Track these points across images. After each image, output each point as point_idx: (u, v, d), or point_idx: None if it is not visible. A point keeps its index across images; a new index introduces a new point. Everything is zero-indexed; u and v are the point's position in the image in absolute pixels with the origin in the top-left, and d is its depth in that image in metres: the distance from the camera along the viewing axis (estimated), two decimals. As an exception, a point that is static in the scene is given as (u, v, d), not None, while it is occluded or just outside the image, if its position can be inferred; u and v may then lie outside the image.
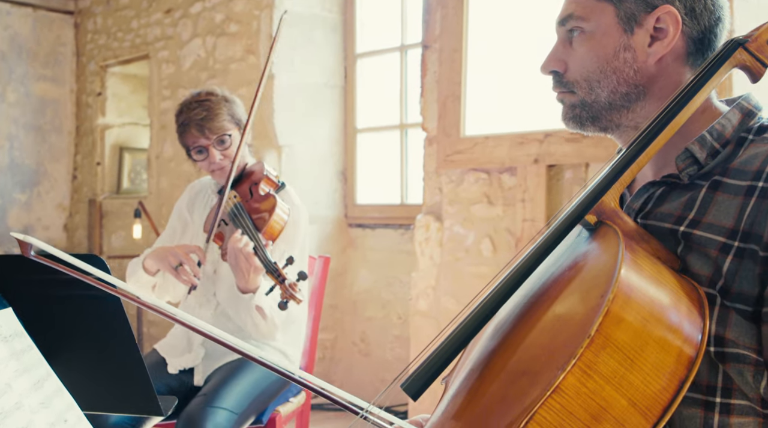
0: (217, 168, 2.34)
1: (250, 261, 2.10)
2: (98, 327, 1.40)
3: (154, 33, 5.53)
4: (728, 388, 0.97)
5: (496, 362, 0.99)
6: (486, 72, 3.49)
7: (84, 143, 6.23)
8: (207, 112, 2.30)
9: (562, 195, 3.18)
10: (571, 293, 0.96)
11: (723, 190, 1.03)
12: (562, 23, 1.19)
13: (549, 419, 0.81)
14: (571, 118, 1.20)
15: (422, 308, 3.70)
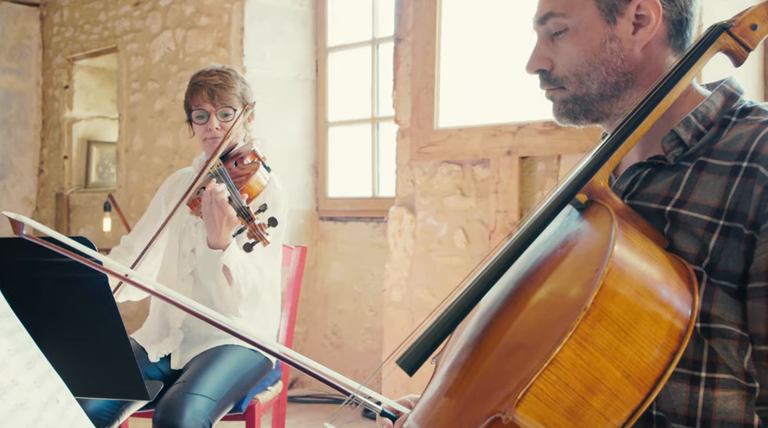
0: (210, 136, 2.34)
1: (224, 209, 2.10)
2: (85, 310, 1.40)
3: (122, 26, 5.48)
4: (713, 363, 1.00)
5: (490, 338, 1.01)
6: (459, 65, 3.52)
7: (50, 136, 6.16)
8: (223, 81, 2.34)
9: (534, 187, 3.22)
10: (565, 270, 0.98)
11: (708, 170, 1.06)
12: (541, 22, 1.20)
13: (546, 390, 0.84)
14: (564, 113, 1.21)
15: (395, 299, 3.73)
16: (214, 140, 2.36)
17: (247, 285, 2.19)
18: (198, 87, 2.36)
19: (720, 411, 1.00)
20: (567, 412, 0.84)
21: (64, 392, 1.23)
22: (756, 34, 1.08)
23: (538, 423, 0.84)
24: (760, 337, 0.99)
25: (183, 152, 5.03)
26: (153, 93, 5.25)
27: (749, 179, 1.01)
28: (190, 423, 1.92)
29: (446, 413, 0.98)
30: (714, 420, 1.00)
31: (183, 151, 5.03)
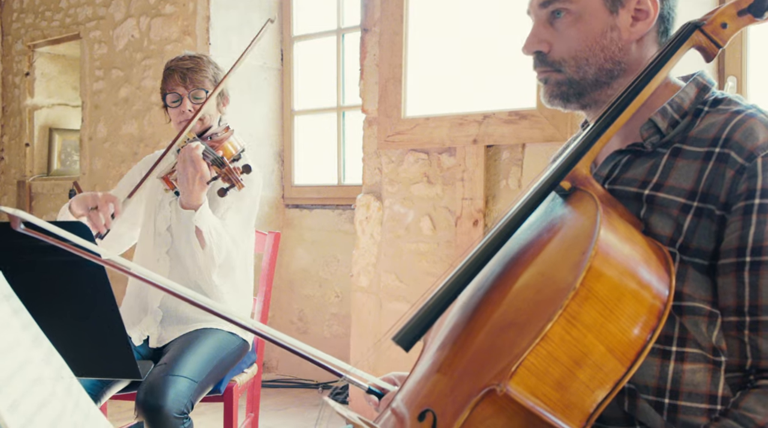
0: (184, 119, 2.40)
1: (197, 166, 2.16)
2: (80, 292, 1.45)
3: (85, 13, 5.45)
4: (683, 338, 1.10)
5: (480, 317, 1.09)
6: (426, 55, 3.60)
7: (11, 123, 6.10)
8: (194, 65, 2.42)
9: (499, 175, 3.32)
10: (551, 253, 1.07)
11: (683, 156, 1.15)
12: (544, 5, 1.26)
13: (537, 364, 0.92)
14: (557, 95, 1.27)
15: (363, 284, 3.80)
16: (188, 122, 2.40)
17: (220, 250, 2.24)
18: (171, 71, 2.44)
19: (688, 383, 1.09)
20: (556, 384, 0.93)
21: (66, 369, 1.28)
22: (726, 32, 1.18)
23: (529, 395, 0.92)
24: (729, 309, 1.08)
25: (148, 139, 5.04)
26: (117, 81, 5.24)
27: (721, 163, 1.11)
28: (173, 403, 1.98)
29: (439, 388, 1.06)
30: (682, 392, 1.09)
31: (148, 138, 5.04)
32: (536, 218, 1.17)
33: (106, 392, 2.17)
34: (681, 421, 1.10)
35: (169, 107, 2.46)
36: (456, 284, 1.11)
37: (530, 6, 1.31)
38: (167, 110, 2.49)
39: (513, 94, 3.29)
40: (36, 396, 0.98)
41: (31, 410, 0.94)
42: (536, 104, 3.15)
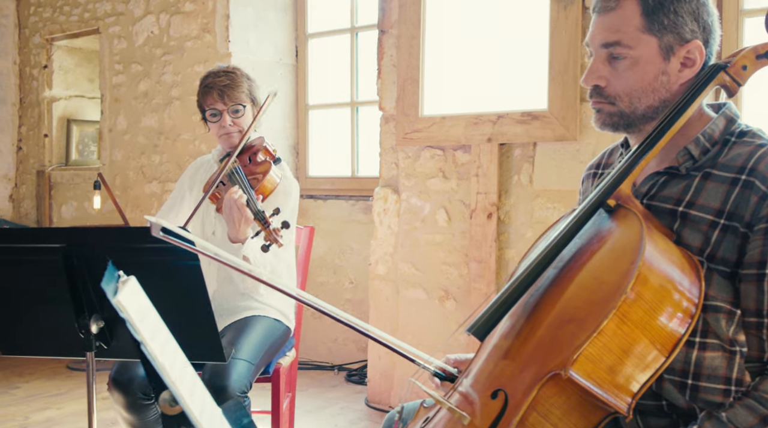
0: (224, 133, 2.61)
1: (242, 211, 2.37)
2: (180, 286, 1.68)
3: (104, 8, 5.63)
4: (705, 331, 1.34)
5: (540, 312, 1.32)
6: (442, 57, 3.82)
7: (29, 115, 6.28)
8: (230, 81, 2.59)
9: (511, 171, 3.56)
10: (602, 260, 1.30)
11: (712, 179, 1.38)
12: (605, 46, 1.45)
13: (593, 353, 1.17)
14: (608, 124, 1.48)
15: (381, 272, 4.04)
16: (229, 135, 2.63)
17: (265, 267, 2.47)
18: (209, 89, 2.62)
19: (708, 367, 1.34)
20: (608, 369, 1.18)
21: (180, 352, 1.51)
22: (746, 73, 1.41)
23: (587, 378, 1.17)
24: (750, 311, 1.33)
25: (168, 132, 5.24)
26: (137, 75, 5.43)
27: (746, 189, 1.34)
28: (236, 384, 2.21)
29: (509, 371, 1.30)
30: (702, 374, 1.34)
31: (168, 131, 5.24)
32: (583, 229, 1.40)
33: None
34: (701, 399, 1.34)
35: (209, 121, 2.65)
36: (522, 284, 1.34)
37: (591, 42, 1.49)
38: (206, 122, 2.69)
39: (525, 96, 3.52)
40: (179, 361, 1.20)
41: (180, 370, 1.16)
42: (547, 106, 3.38)
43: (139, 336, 1.06)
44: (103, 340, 1.75)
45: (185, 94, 5.13)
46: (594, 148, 3.31)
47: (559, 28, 3.33)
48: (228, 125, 2.60)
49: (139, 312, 1.11)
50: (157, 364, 1.06)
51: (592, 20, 1.50)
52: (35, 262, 1.69)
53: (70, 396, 4.27)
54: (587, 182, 1.74)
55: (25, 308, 1.77)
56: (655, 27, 1.41)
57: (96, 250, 1.67)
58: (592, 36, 1.49)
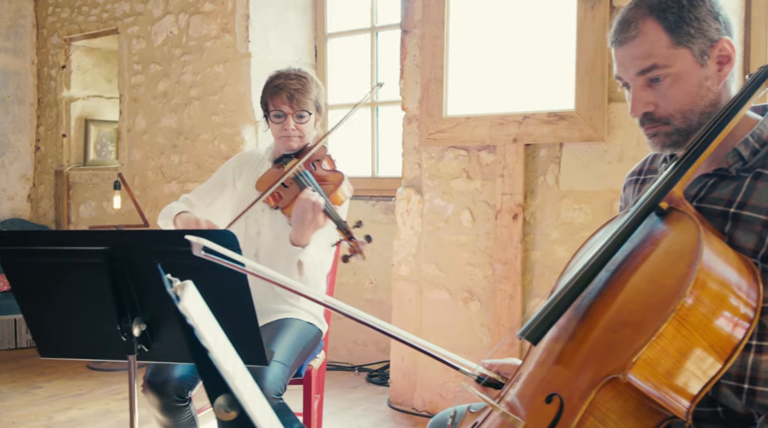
0: (285, 135, 2.57)
1: (316, 215, 2.32)
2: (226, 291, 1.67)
3: (123, 8, 5.64)
4: (762, 333, 1.32)
5: (593, 316, 1.31)
6: (467, 57, 3.80)
7: (47, 114, 6.29)
8: (301, 86, 2.55)
9: (537, 171, 3.54)
10: (656, 263, 1.29)
11: (763, 180, 1.37)
12: (642, 73, 1.46)
13: (652, 357, 1.15)
14: (669, 145, 1.48)
15: (404, 273, 4.03)
16: (289, 138, 2.59)
17: (313, 276, 2.46)
18: (278, 90, 2.56)
19: (765, 371, 1.32)
20: (666, 373, 1.16)
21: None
22: None
23: (645, 382, 1.15)
24: None
25: (187, 132, 5.24)
26: (155, 75, 5.43)
27: None
28: (271, 385, 2.20)
29: (563, 375, 1.28)
30: (759, 378, 1.32)
31: (187, 131, 5.24)
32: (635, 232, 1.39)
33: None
34: (758, 403, 1.32)
35: (271, 121, 2.61)
36: (575, 288, 1.33)
37: (623, 74, 1.50)
38: (267, 119, 2.65)
39: (552, 96, 3.50)
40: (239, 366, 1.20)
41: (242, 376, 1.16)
42: (574, 106, 3.36)
43: (205, 342, 1.05)
44: (145, 343, 1.75)
45: (204, 94, 5.13)
46: (621, 149, 3.29)
47: (586, 28, 3.31)
48: (291, 128, 2.56)
49: (202, 318, 1.10)
50: (222, 371, 1.05)
51: (614, 53, 1.51)
52: (79, 265, 1.68)
53: (92, 396, 4.27)
54: (629, 188, 1.73)
55: (67, 310, 1.76)
56: (684, 39, 1.43)
57: (140, 253, 1.66)
58: (622, 68, 1.49)
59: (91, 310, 1.74)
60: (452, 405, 3.57)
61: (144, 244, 1.68)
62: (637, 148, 3.25)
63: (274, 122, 2.60)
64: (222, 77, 5.04)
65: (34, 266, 1.73)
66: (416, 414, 3.91)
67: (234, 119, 4.97)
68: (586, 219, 3.41)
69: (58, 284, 1.74)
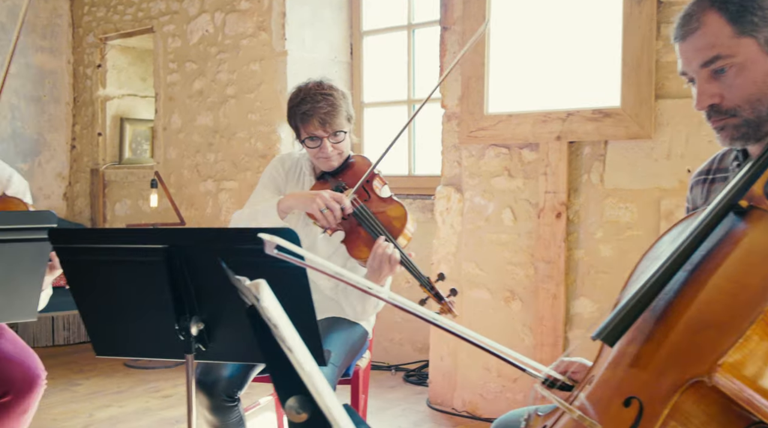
0: (324, 157, 2.48)
1: (393, 268, 2.30)
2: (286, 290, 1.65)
3: (158, 7, 5.65)
4: None
5: (671, 317, 1.26)
6: (508, 53, 3.76)
7: (83, 113, 6.33)
8: (331, 107, 2.42)
9: (581, 169, 3.49)
10: (740, 264, 1.24)
11: None
12: (706, 65, 1.44)
13: (738, 360, 1.11)
14: (738, 138, 1.46)
15: (443, 272, 3.99)
16: (328, 159, 2.49)
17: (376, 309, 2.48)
18: (308, 117, 2.43)
19: None
20: (753, 375, 1.12)
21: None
22: None
23: (731, 385, 1.11)
24: None
25: (223, 130, 5.24)
26: (191, 74, 5.44)
27: None
28: (322, 386, 2.18)
29: (641, 378, 1.24)
30: None
31: (223, 129, 5.24)
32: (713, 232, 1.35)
33: (250, 374, 2.38)
34: None
35: (307, 146, 2.50)
36: (652, 288, 1.29)
37: (687, 69, 1.47)
38: (303, 142, 2.52)
39: (596, 93, 3.45)
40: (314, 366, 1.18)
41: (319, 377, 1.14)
42: (620, 103, 3.31)
43: (288, 342, 1.02)
44: (202, 342, 1.73)
45: (241, 92, 5.13)
46: (669, 146, 3.23)
47: (633, 23, 3.26)
48: (329, 151, 2.46)
49: (282, 318, 1.08)
50: (304, 372, 1.02)
51: (678, 49, 1.50)
52: (137, 263, 1.67)
53: (131, 393, 4.28)
54: (696, 188, 1.69)
55: (125, 309, 1.75)
56: (748, 28, 1.41)
57: (199, 251, 1.65)
58: (686, 62, 1.48)
59: (148, 308, 1.73)
60: (494, 405, 3.52)
61: (204, 242, 1.67)
62: (686, 145, 3.19)
63: (309, 146, 2.48)
64: (258, 75, 5.03)
65: (91, 264, 1.72)
66: (456, 414, 3.88)
67: (270, 117, 4.97)
68: (632, 218, 3.36)
69: (115, 283, 1.73)
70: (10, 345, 2.35)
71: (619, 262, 3.39)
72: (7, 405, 2.26)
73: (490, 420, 3.76)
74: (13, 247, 1.74)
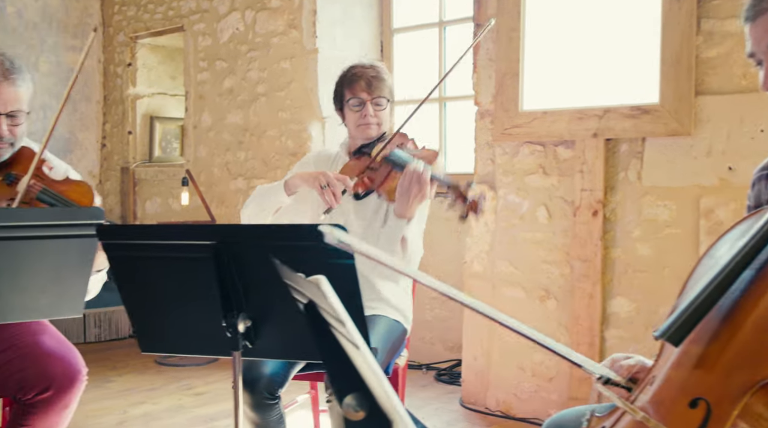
0: (364, 123, 2.57)
1: (423, 186, 2.28)
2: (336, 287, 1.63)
3: (188, 6, 5.67)
4: None
5: (738, 317, 1.23)
6: (543, 49, 3.72)
7: (113, 112, 6.36)
8: (377, 73, 2.59)
9: (618, 167, 3.45)
10: None
11: None
12: None
13: None
14: None
15: (477, 270, 3.97)
16: (368, 125, 2.58)
17: (414, 261, 2.42)
18: (356, 78, 2.58)
19: None
20: None
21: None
22: None
23: None
24: None
25: (253, 128, 5.25)
26: (221, 72, 5.45)
27: None
28: (363, 384, 2.16)
29: (708, 379, 1.21)
30: None
31: (253, 128, 5.25)
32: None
33: (290, 372, 2.37)
34: None
35: (349, 110, 2.60)
36: (719, 288, 1.26)
37: (756, 50, 1.45)
38: (342, 111, 2.64)
39: (634, 89, 3.41)
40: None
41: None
42: (659, 99, 3.27)
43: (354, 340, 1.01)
44: (248, 339, 1.72)
45: (271, 90, 5.13)
46: (710, 143, 3.18)
47: (672, 19, 3.21)
48: (370, 115, 2.56)
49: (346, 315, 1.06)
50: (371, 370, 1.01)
51: (747, 30, 1.47)
52: (185, 259, 1.66)
53: (165, 391, 4.29)
54: (759, 184, 1.66)
55: (171, 306, 1.74)
56: None
57: (248, 247, 1.63)
58: (755, 43, 1.45)
59: (195, 305, 1.72)
60: (528, 405, 3.48)
61: (254, 238, 1.66)
62: (727, 142, 3.14)
63: (352, 110, 2.59)
64: (289, 73, 5.03)
65: (138, 260, 1.71)
66: (490, 413, 3.85)
67: (301, 115, 4.96)
68: (671, 216, 3.31)
69: (162, 279, 1.72)
70: (52, 340, 2.35)
71: (657, 261, 3.35)
72: (49, 400, 2.26)
73: (525, 420, 3.73)
74: (62, 243, 1.74)
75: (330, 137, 4.92)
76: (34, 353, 2.29)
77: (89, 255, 1.79)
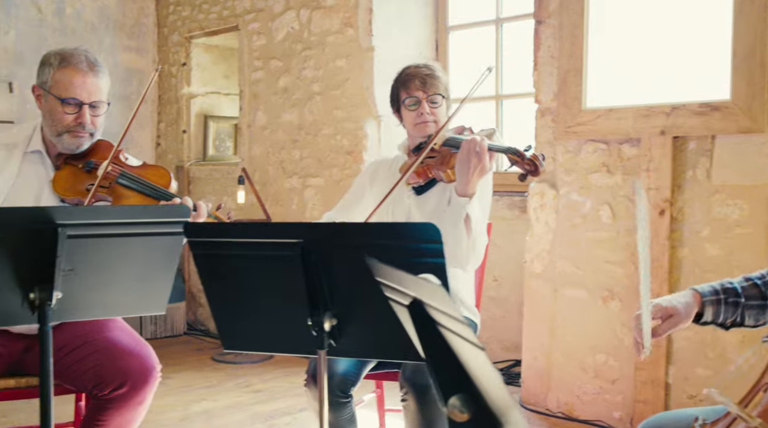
0: (421, 121, 2.57)
1: (482, 157, 2.29)
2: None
3: (243, 5, 5.70)
4: None
5: None
6: (606, 46, 3.67)
7: (167, 111, 6.43)
8: (431, 71, 2.61)
9: (686, 165, 3.38)
10: None
11: None
12: None
13: None
14: None
15: (537, 270, 3.92)
16: (425, 124, 2.57)
17: (479, 243, 2.39)
18: (411, 77, 2.60)
19: None
20: None
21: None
22: None
23: None
24: None
25: (309, 127, 5.25)
26: (276, 71, 5.47)
27: None
28: (438, 383, 2.14)
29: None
30: None
31: (308, 126, 5.25)
32: None
33: (363, 371, 2.37)
34: None
35: (406, 110, 2.61)
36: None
37: None
38: (400, 113, 2.65)
39: (703, 86, 3.34)
40: None
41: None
42: (730, 96, 3.19)
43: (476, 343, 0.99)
44: (333, 338, 1.71)
45: (326, 89, 5.13)
46: (783, 140, 3.10)
47: (745, 12, 3.14)
48: (426, 112, 2.57)
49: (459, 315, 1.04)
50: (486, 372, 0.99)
51: None
52: (271, 258, 1.66)
53: (223, 388, 4.32)
54: None
55: (258, 303, 1.74)
56: None
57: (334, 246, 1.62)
58: None
59: (281, 303, 1.72)
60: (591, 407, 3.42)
61: (341, 236, 1.65)
62: (802, 140, 3.06)
63: (409, 109, 2.59)
64: (344, 72, 5.02)
65: (224, 258, 1.72)
66: (551, 415, 3.80)
67: (356, 113, 4.95)
68: (742, 215, 3.24)
69: (247, 277, 1.72)
70: (127, 336, 2.38)
71: (727, 261, 3.27)
72: (125, 396, 2.29)
73: (587, 422, 3.67)
74: (148, 240, 1.75)
75: (385, 135, 4.91)
76: (110, 349, 2.32)
77: (174, 253, 1.79)
